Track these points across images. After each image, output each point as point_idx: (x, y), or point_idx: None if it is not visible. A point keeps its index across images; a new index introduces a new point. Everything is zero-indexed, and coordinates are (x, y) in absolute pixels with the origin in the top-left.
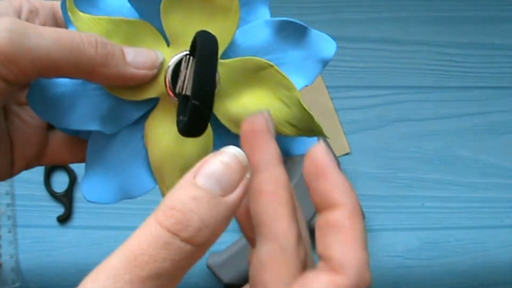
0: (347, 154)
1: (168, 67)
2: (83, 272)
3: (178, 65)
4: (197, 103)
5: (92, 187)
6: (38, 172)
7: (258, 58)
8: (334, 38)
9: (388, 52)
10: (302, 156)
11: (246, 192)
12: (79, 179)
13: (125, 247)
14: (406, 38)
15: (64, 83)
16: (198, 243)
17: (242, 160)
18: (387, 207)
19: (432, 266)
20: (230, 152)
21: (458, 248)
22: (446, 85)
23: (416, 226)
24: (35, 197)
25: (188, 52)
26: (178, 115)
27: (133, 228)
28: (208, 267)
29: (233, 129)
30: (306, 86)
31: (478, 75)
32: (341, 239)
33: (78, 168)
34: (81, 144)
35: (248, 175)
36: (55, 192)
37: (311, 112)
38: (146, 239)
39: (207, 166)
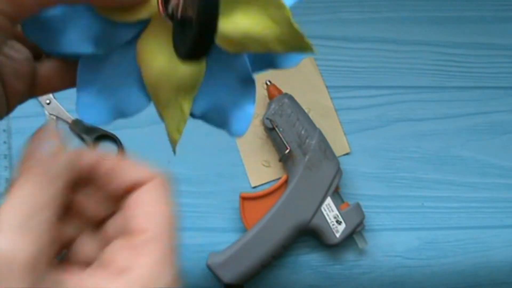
0: (347, 154)
1: None
2: None
3: None
4: (201, 28)
5: (87, 108)
6: None
7: None
8: (334, 38)
9: (388, 52)
10: (302, 156)
11: None
12: None
13: None
14: (406, 38)
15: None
16: None
17: None
18: (387, 207)
19: (432, 266)
20: None
21: (458, 248)
22: (446, 85)
23: (416, 226)
24: None
25: None
26: (174, 38)
27: None
28: (208, 267)
29: (225, 46)
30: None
31: (478, 75)
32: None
33: None
34: (70, 70)
35: None
36: None
37: (300, 30)
38: None
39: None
